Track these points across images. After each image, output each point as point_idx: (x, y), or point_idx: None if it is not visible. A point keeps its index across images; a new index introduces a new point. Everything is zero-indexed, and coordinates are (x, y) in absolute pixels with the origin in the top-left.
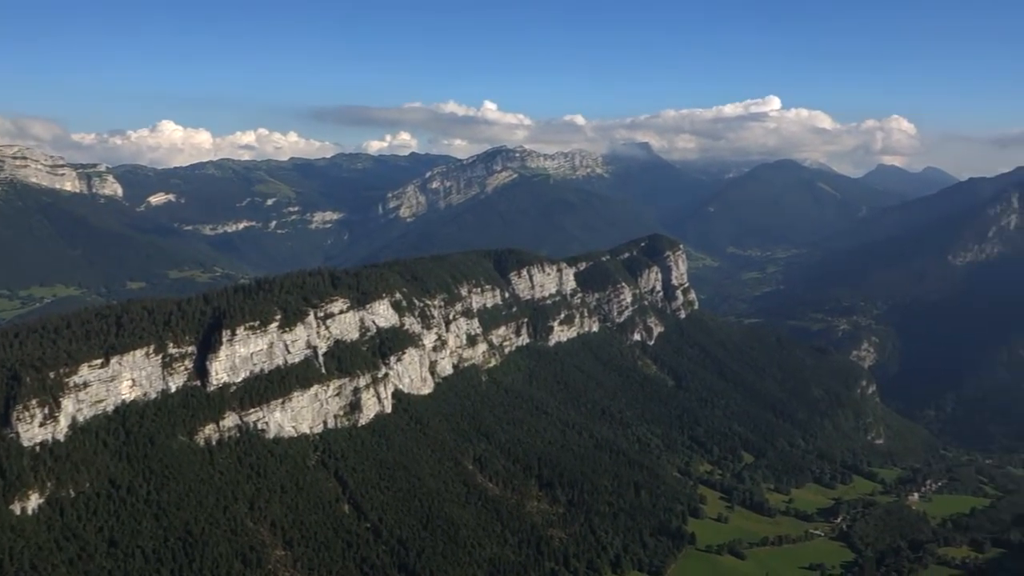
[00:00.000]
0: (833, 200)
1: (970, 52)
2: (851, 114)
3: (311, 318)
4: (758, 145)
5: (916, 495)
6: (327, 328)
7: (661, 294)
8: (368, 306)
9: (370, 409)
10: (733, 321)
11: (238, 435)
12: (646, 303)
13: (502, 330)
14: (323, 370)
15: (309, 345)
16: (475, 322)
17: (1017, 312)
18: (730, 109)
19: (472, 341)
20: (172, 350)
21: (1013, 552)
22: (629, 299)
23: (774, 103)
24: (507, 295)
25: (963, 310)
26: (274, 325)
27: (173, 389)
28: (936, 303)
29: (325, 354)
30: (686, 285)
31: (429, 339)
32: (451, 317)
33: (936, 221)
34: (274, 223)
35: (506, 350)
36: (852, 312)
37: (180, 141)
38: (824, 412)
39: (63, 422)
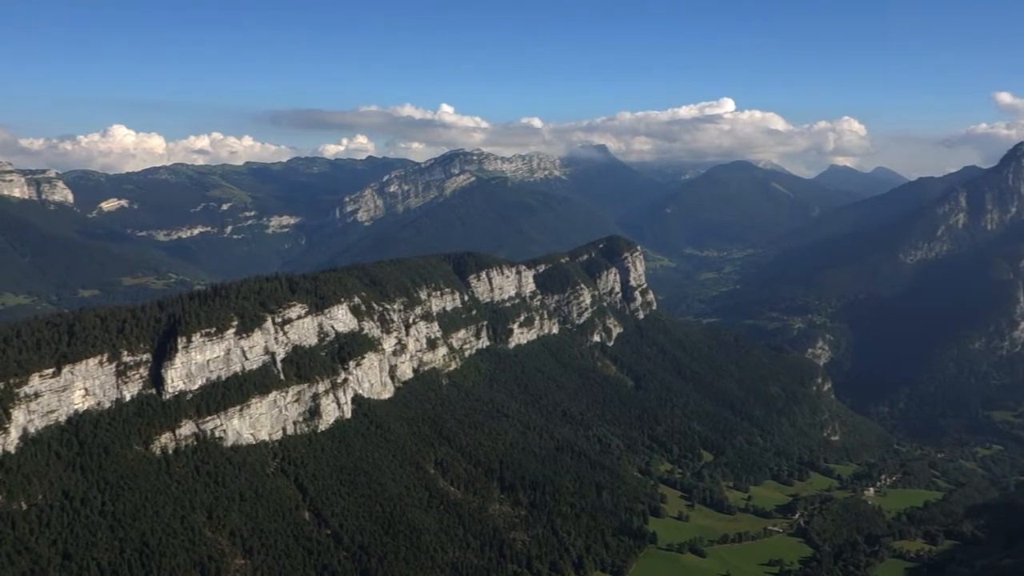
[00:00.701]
0: (787, 200)
1: (918, 55)
2: (803, 115)
3: (269, 324)
4: (713, 146)
5: (871, 490)
6: (285, 334)
7: (620, 295)
8: (327, 311)
9: (330, 415)
10: (691, 321)
11: (195, 443)
12: (605, 304)
13: (462, 333)
14: (282, 376)
15: (267, 351)
16: (435, 326)
17: (965, 308)
18: (685, 111)
19: (432, 345)
20: (126, 358)
21: (965, 543)
22: (588, 301)
23: (728, 105)
24: (467, 298)
25: (914, 307)
26: (231, 331)
27: (128, 398)
28: (888, 300)
29: (284, 360)
30: (644, 286)
31: (389, 343)
32: (411, 321)
33: (887, 220)
34: (230, 228)
35: (466, 353)
36: (807, 310)
37: (132, 146)
38: (781, 410)
39: (14, 433)
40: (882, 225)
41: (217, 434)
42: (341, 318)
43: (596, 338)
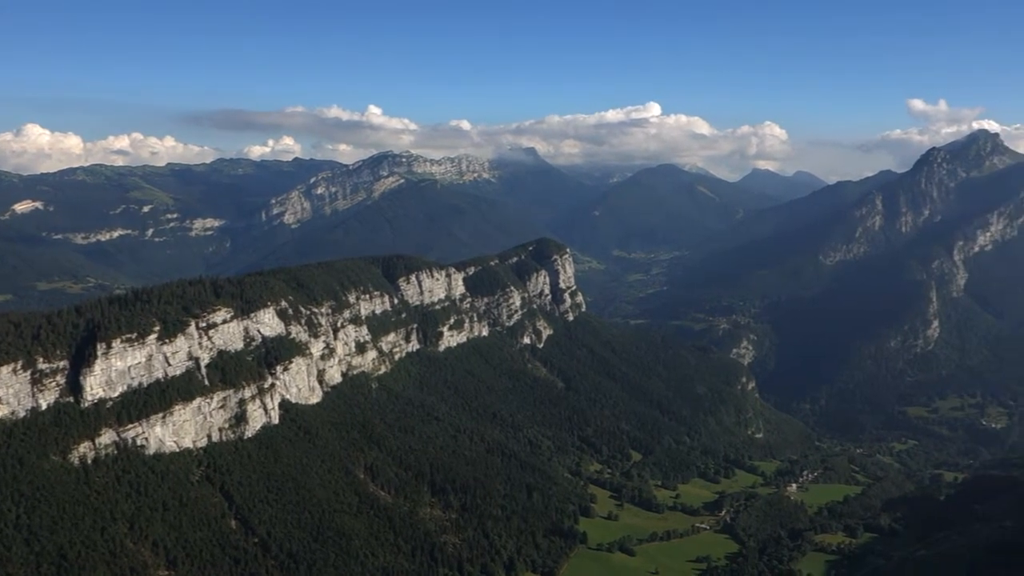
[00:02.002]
0: (712, 203)
1: (835, 63)
2: (727, 120)
3: (192, 329)
4: (640, 150)
5: (794, 486)
6: (210, 339)
7: (549, 297)
8: (252, 315)
9: (256, 421)
10: (620, 322)
11: (116, 452)
12: (535, 307)
13: (391, 336)
14: (206, 382)
15: (191, 357)
16: (364, 329)
17: (882, 308)
18: (612, 115)
19: (361, 348)
20: (42, 365)
21: (883, 536)
22: (518, 303)
23: (654, 109)
24: (396, 301)
25: (833, 307)
26: (153, 337)
27: (44, 406)
28: (809, 301)
29: (208, 365)
30: (574, 288)
31: (317, 347)
32: (339, 325)
33: (807, 223)
34: (151, 231)
35: (396, 357)
36: (732, 311)
37: (47, 146)
38: (707, 409)
39: None
40: (803, 228)
41: (139, 442)
42: (268, 322)
43: (526, 340)
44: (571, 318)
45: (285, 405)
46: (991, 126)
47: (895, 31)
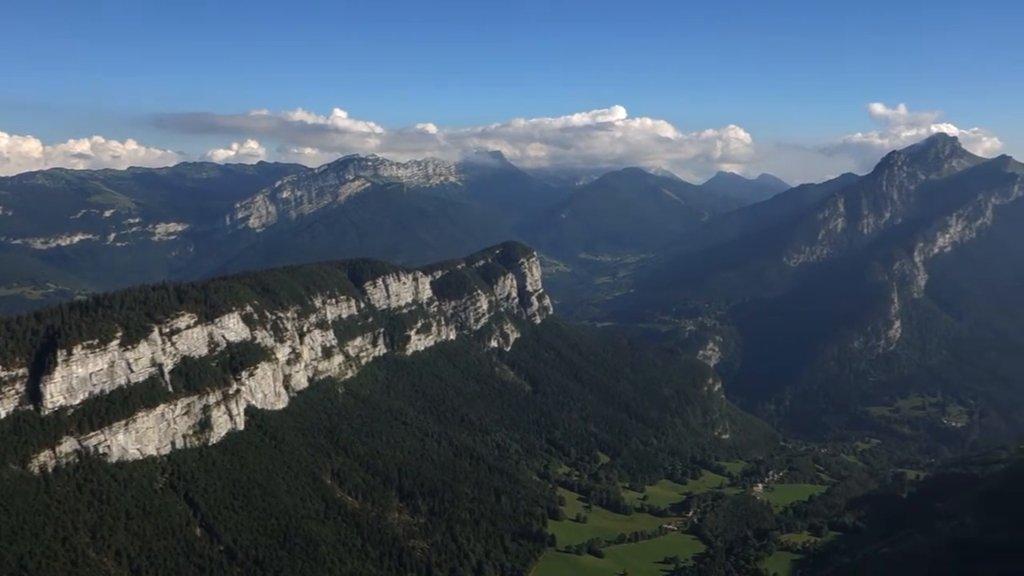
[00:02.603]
0: (678, 206)
1: (797, 67)
2: (692, 124)
3: (155, 334)
4: (606, 153)
5: (760, 486)
6: (173, 344)
7: (517, 301)
8: (217, 320)
9: (221, 427)
10: (587, 325)
11: (77, 461)
12: (502, 310)
13: (358, 341)
14: (170, 388)
15: (154, 363)
16: (330, 334)
17: (845, 309)
18: (578, 118)
19: (327, 353)
20: (0, 373)
21: (848, 534)
22: (485, 306)
23: (620, 112)
24: (363, 305)
25: (797, 308)
26: (115, 343)
27: (3, 415)
28: (773, 302)
29: (172, 371)
30: (541, 291)
31: (282, 352)
32: (305, 329)
33: (771, 225)
34: (113, 236)
35: (363, 361)
36: (697, 313)
37: (6, 149)
38: (674, 410)
39: None
40: (767, 230)
41: (101, 450)
42: (232, 327)
43: (493, 344)
44: (538, 321)
45: (251, 411)
46: (949, 130)
47: (856, 35)
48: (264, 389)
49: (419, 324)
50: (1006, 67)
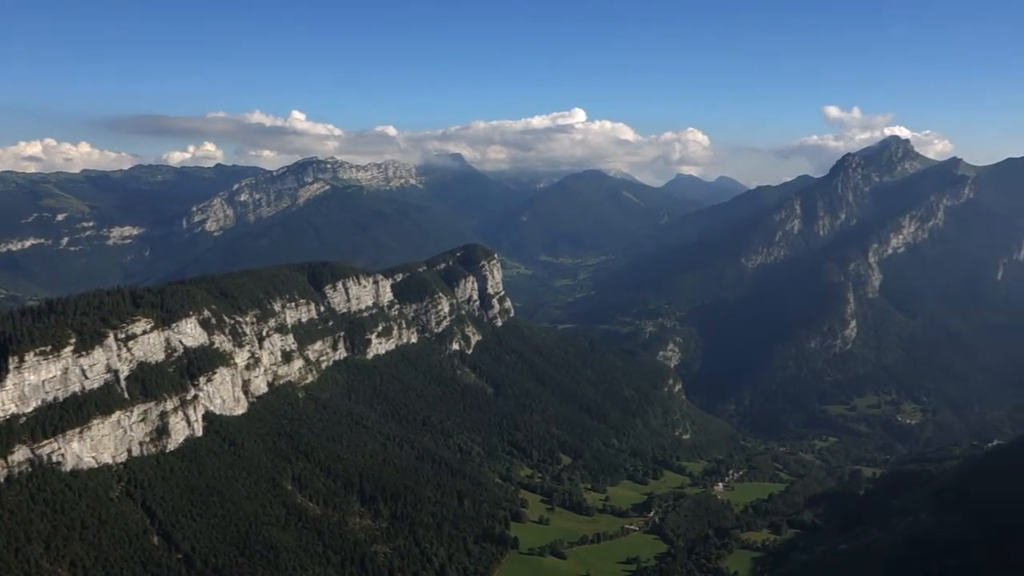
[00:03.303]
0: (637, 208)
1: (753, 71)
2: (651, 126)
3: (111, 340)
4: (566, 156)
5: (720, 485)
6: (129, 350)
7: (478, 303)
8: (174, 325)
9: (179, 434)
10: (548, 327)
11: (30, 470)
12: (463, 312)
13: (318, 345)
14: (126, 395)
15: (109, 369)
16: (290, 338)
17: (802, 309)
18: (538, 121)
19: (287, 357)
20: None
21: (806, 531)
22: (447, 309)
23: (580, 115)
24: (323, 309)
25: (756, 309)
26: (68, 349)
27: None
28: (732, 303)
29: (128, 378)
30: (502, 293)
31: (241, 357)
32: (264, 334)
33: (730, 227)
34: (66, 240)
35: (323, 365)
36: (658, 314)
37: None
38: (635, 411)
39: None
40: (725, 232)
41: (55, 459)
42: (190, 332)
43: (455, 346)
44: (500, 323)
45: (209, 417)
46: (902, 132)
47: (810, 37)
48: (223, 395)
49: (380, 327)
50: (955, 71)
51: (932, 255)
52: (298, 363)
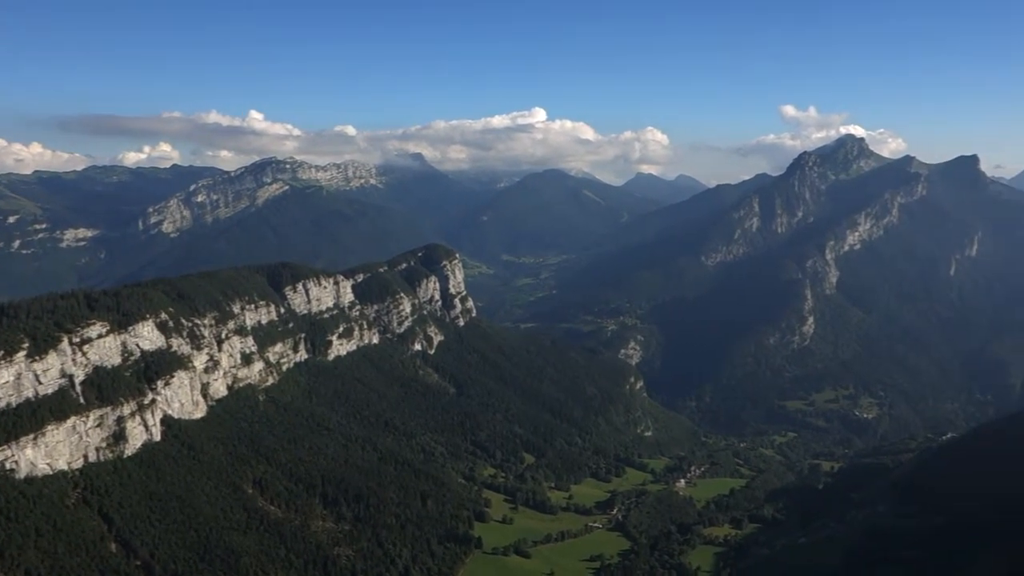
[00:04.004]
0: (598, 207)
1: (710, 70)
2: (611, 125)
3: (65, 344)
4: (527, 155)
5: (682, 481)
6: (84, 354)
7: (440, 303)
8: (130, 328)
9: (136, 439)
10: (510, 327)
11: None
12: (425, 313)
13: (279, 347)
14: (81, 400)
15: (64, 374)
16: (250, 340)
17: (761, 306)
18: (498, 120)
19: (247, 360)
20: None
21: (767, 526)
22: (408, 309)
23: (540, 115)
24: (283, 311)
25: (715, 306)
26: (21, 354)
27: None
28: (692, 301)
29: (83, 382)
30: (464, 293)
31: (200, 360)
32: (223, 336)
33: (689, 225)
34: (17, 243)
35: (284, 367)
36: (619, 313)
37: None
38: (598, 409)
39: None
40: (685, 230)
41: (8, 466)
42: (147, 335)
43: (417, 347)
44: (462, 323)
45: (167, 421)
46: (857, 131)
47: (766, 36)
48: (181, 398)
49: (341, 328)
50: (907, 70)
51: (887, 252)
52: (258, 365)
